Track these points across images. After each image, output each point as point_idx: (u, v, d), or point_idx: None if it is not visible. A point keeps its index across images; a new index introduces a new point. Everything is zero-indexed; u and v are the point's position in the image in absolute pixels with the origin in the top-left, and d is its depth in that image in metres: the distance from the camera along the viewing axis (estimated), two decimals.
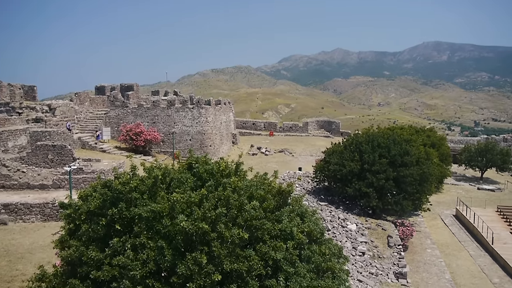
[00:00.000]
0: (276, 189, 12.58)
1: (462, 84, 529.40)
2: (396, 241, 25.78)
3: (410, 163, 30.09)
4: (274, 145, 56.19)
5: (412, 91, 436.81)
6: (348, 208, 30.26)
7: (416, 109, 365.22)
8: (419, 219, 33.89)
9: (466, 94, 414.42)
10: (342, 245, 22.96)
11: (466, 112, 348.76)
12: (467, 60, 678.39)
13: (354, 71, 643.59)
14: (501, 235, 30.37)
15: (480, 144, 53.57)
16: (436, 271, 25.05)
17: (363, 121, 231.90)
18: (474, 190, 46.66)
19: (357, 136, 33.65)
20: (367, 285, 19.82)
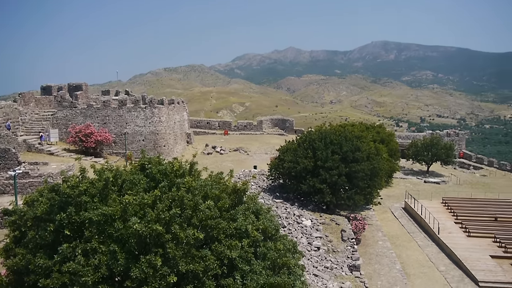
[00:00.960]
0: (231, 188, 12.59)
1: (408, 82, 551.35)
2: (350, 235, 26.50)
3: (361, 159, 30.99)
4: (229, 144, 56.13)
5: (362, 89, 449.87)
6: (303, 205, 30.76)
7: (366, 106, 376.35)
8: (370, 212, 35.02)
9: (412, 91, 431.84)
10: (298, 241, 23.32)
11: (412, 109, 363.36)
12: (412, 59, 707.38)
13: (307, 69, 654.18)
14: (446, 225, 31.96)
15: (426, 139, 56.05)
16: (387, 262, 26.00)
17: (316, 119, 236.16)
18: (421, 183, 48.79)
19: (310, 134, 34.25)
20: (323, 279, 20.25)
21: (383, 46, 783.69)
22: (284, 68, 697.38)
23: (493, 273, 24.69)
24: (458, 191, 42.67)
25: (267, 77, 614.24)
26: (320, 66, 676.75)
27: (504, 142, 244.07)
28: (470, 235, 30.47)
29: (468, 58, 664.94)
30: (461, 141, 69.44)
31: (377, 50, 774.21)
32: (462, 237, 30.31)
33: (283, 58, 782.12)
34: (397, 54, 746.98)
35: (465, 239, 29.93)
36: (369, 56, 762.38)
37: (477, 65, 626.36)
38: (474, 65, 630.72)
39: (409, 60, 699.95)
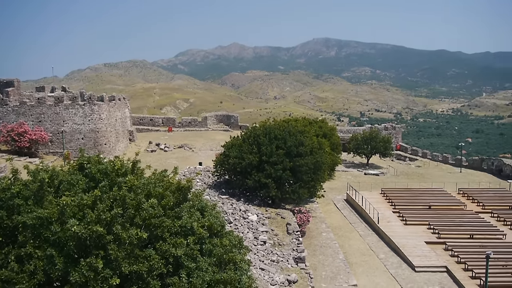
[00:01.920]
0: (175, 186, 12.40)
1: (348, 78, 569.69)
2: (295, 228, 27.03)
3: (305, 153, 31.65)
4: (173, 141, 55.27)
5: (305, 85, 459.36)
6: (249, 200, 30.95)
7: (309, 101, 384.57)
8: (314, 205, 35.92)
9: (353, 87, 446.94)
10: (244, 236, 23.45)
11: (353, 104, 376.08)
12: (352, 55, 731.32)
13: (251, 65, 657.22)
14: (385, 214, 33.47)
15: (365, 133, 58.29)
16: (331, 253, 26.82)
17: (261, 114, 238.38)
18: (362, 175, 50.72)
19: (255, 129, 34.47)
20: (269, 272, 20.53)
21: (325, 43, 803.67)
22: (228, 64, 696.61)
23: (427, 258, 26.21)
24: (396, 182, 44.78)
25: (211, 73, 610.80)
26: (264, 62, 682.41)
27: (436, 134, 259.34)
28: (407, 223, 32.11)
29: (403, 55, 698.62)
30: (398, 134, 72.92)
31: (319, 47, 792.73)
32: (399, 225, 31.88)
33: (227, 54, 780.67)
34: (337, 50, 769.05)
35: (402, 227, 31.50)
36: (311, 53, 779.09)
37: (412, 62, 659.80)
38: (408, 62, 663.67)
39: (349, 57, 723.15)
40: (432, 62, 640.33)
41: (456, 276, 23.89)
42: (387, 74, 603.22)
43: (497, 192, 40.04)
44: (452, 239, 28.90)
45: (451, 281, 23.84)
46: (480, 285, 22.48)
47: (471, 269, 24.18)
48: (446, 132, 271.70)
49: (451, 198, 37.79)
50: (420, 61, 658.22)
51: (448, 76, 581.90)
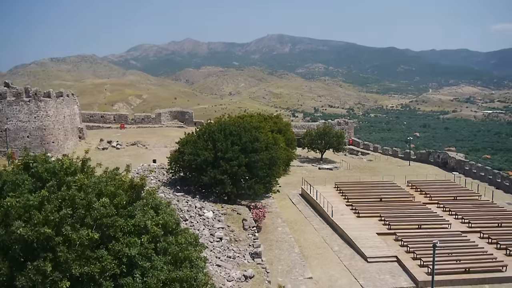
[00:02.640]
0: (128, 184, 12.10)
1: (302, 74, 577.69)
2: (251, 223, 27.15)
3: (260, 149, 31.81)
4: (126, 138, 53.86)
5: (260, 81, 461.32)
6: (204, 196, 30.75)
7: (264, 97, 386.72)
8: (270, 200, 36.22)
9: (307, 83, 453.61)
10: (200, 233, 23.30)
11: (307, 100, 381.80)
12: (305, 52, 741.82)
13: (205, 61, 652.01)
14: (338, 208, 34.30)
15: (319, 128, 59.36)
16: (287, 247, 27.17)
17: (216, 111, 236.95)
18: (316, 170, 51.67)
19: (210, 125, 34.25)
20: (226, 268, 20.51)
21: (279, 39, 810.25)
22: (182, 60, 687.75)
23: (379, 248, 27.15)
24: (349, 176, 45.98)
25: (164, 69, 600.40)
26: (218, 58, 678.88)
27: (387, 129, 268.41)
28: (359, 215, 33.09)
29: (355, 52, 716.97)
30: (350, 129, 74.80)
31: (273, 43, 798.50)
32: (352, 218, 32.79)
33: (181, 49, 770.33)
34: (291, 47, 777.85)
35: (355, 220, 32.43)
36: (266, 49, 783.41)
37: (363, 59, 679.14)
38: (360, 58, 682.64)
39: (302, 53, 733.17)
40: (382, 59, 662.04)
41: (406, 265, 24.91)
42: (339, 71, 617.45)
43: (443, 184, 42.05)
44: (402, 229, 30.08)
45: (401, 270, 24.83)
46: (428, 272, 23.53)
47: (419, 258, 25.27)
48: (396, 127, 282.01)
49: (401, 190, 39.29)
50: (371, 58, 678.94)
51: (397, 72, 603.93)
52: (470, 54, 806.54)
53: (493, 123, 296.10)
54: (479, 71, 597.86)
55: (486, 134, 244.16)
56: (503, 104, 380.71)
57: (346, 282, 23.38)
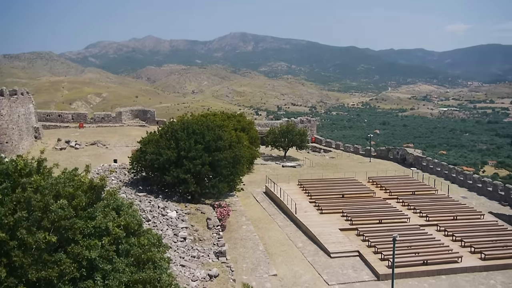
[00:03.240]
0: (88, 185, 11.75)
1: (265, 72, 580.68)
2: (215, 222, 27.02)
3: (224, 147, 31.70)
4: (85, 137, 52.32)
5: (223, 79, 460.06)
6: (167, 196, 30.33)
7: (227, 96, 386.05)
8: (234, 199, 36.19)
9: (270, 81, 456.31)
10: (164, 233, 22.97)
11: (270, 98, 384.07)
12: (268, 50, 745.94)
13: (167, 59, 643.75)
14: (302, 205, 34.70)
15: (282, 126, 59.80)
16: (251, 245, 27.24)
17: (178, 109, 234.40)
18: (280, 167, 52.06)
19: (172, 124, 33.80)
20: (190, 268, 20.33)
21: (241, 37, 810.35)
22: (144, 57, 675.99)
23: (342, 244, 27.68)
24: (312, 173, 46.58)
25: (125, 67, 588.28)
26: (180, 56, 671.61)
27: (348, 127, 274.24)
28: (322, 212, 33.60)
29: (317, 51, 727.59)
30: (313, 127, 75.86)
31: (236, 41, 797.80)
32: (315, 214, 33.25)
33: (142, 46, 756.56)
34: (254, 45, 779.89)
35: (318, 216, 32.90)
36: (229, 47, 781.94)
37: (325, 58, 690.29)
38: (322, 57, 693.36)
39: (265, 52, 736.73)
40: (343, 58, 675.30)
41: (367, 259, 25.52)
42: (302, 69, 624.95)
43: (402, 179, 43.35)
44: (363, 224, 30.78)
45: (363, 264, 25.42)
46: (388, 265, 24.20)
47: (380, 252, 25.95)
48: (357, 124, 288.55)
49: (362, 186, 40.20)
50: (333, 57, 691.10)
51: (357, 71, 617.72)
52: (426, 54, 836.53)
53: (448, 120, 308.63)
54: (434, 70, 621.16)
55: (442, 131, 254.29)
56: (457, 102, 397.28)
57: (310, 278, 23.69)
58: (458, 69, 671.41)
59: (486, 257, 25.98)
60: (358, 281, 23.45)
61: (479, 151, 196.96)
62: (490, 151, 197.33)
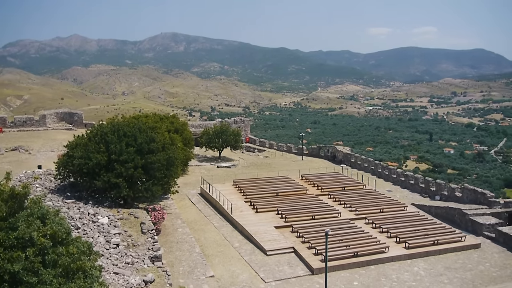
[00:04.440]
0: (8, 193, 10.99)
1: (198, 73, 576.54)
2: (149, 226, 26.38)
3: (157, 150, 31.02)
4: (4, 143, 48.79)
5: (155, 80, 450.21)
6: (98, 202, 29.12)
7: (159, 97, 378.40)
8: (169, 202, 35.59)
9: (203, 82, 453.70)
10: (95, 241, 22.04)
11: (203, 99, 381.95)
12: (201, 51, 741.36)
13: (95, 59, 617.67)
14: (238, 205, 34.91)
15: (216, 127, 59.68)
16: (187, 248, 26.95)
17: (108, 111, 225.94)
18: (215, 168, 51.95)
19: (102, 127, 32.46)
20: (124, 275, 19.68)
21: (173, 37, 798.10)
22: (69, 57, 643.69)
23: (277, 241, 28.22)
24: (246, 173, 46.98)
25: (49, 67, 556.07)
26: (109, 56, 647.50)
27: (281, 126, 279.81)
28: (258, 211, 34.02)
29: (249, 52, 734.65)
30: (247, 127, 76.52)
31: (167, 41, 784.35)
32: (251, 213, 33.60)
33: (67, 46, 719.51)
34: (186, 46, 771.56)
35: (254, 215, 33.27)
36: (160, 47, 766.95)
37: (257, 59, 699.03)
38: (254, 58, 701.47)
39: (197, 52, 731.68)
40: (275, 59, 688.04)
41: (302, 255, 26.25)
42: (234, 70, 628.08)
43: (332, 176, 45.04)
44: (297, 221, 31.60)
45: (298, 260, 26.11)
46: (322, 259, 25.06)
47: (314, 247, 26.80)
48: (289, 123, 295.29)
49: (295, 184, 41.24)
50: (264, 58, 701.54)
51: (288, 72, 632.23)
52: (352, 55, 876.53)
53: (374, 118, 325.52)
54: (360, 71, 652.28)
55: (368, 129, 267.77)
56: (381, 101, 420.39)
57: (247, 277, 23.91)
58: (381, 70, 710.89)
59: (409, 246, 27.76)
60: (294, 277, 24.04)
61: (402, 147, 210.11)
62: (411, 147, 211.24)
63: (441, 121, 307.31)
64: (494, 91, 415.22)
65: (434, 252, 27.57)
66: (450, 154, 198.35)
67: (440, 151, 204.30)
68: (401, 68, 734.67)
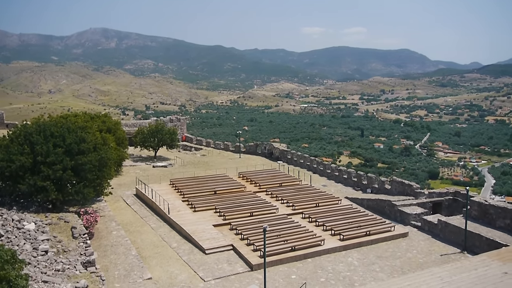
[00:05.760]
0: None
1: (131, 70, 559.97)
2: (81, 230, 25.16)
3: (88, 150, 29.65)
4: None
5: (85, 78, 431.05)
6: (24, 207, 27.29)
7: (90, 95, 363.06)
8: (102, 204, 34.20)
9: (136, 80, 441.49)
10: (20, 249, 20.63)
11: (137, 97, 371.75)
12: (133, 47, 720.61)
13: (17, 55, 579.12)
14: (175, 204, 34.32)
15: (151, 126, 58.25)
16: (123, 251, 26.03)
17: (33, 110, 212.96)
18: (150, 168, 50.73)
19: (26, 127, 30.41)
20: (54, 283, 18.60)
21: (103, 33, 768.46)
22: None
23: (216, 239, 28.08)
24: (183, 172, 46.35)
25: None
26: (33, 52, 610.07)
27: (218, 124, 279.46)
28: (196, 210, 33.65)
29: (184, 49, 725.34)
30: (183, 126, 75.52)
31: (97, 37, 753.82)
32: (189, 213, 33.17)
33: None
34: (118, 42, 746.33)
35: (191, 214, 32.87)
36: (89, 43, 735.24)
37: (192, 56, 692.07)
38: (189, 55, 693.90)
39: (130, 49, 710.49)
40: (210, 56, 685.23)
41: (241, 252, 26.33)
42: (169, 67, 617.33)
43: (270, 173, 45.67)
44: (235, 219, 31.66)
45: (237, 257, 26.15)
46: (260, 255, 25.29)
47: (252, 243, 26.98)
48: (226, 121, 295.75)
49: (233, 181, 41.31)
50: (200, 56, 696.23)
51: (224, 70, 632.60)
52: (287, 54, 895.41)
53: (309, 116, 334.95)
54: (295, 69, 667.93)
55: (304, 126, 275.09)
56: (316, 99, 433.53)
57: (186, 277, 23.56)
58: (315, 68, 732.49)
59: (344, 238, 28.82)
60: (233, 274, 24.05)
61: (336, 143, 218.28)
62: (345, 143, 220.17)
63: (371, 118, 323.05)
64: (418, 89, 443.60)
65: (366, 243, 28.82)
66: (380, 149, 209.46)
67: (371, 146, 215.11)
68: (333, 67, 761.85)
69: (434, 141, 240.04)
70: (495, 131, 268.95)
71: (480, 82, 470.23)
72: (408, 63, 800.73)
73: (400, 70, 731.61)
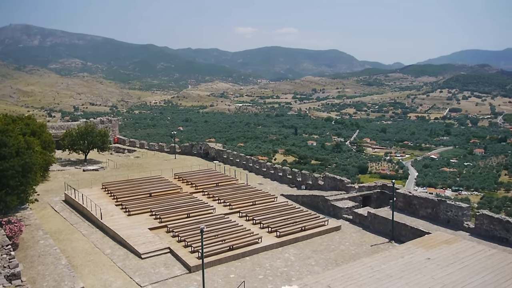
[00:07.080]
0: None
1: (57, 69, 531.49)
2: (4, 241, 23.45)
3: (10, 155, 27.77)
4: None
5: (5, 77, 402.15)
6: None
7: (11, 96, 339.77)
8: (27, 212, 32.12)
9: (63, 80, 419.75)
10: None
11: (64, 98, 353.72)
12: (59, 46, 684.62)
13: None
14: (108, 209, 33.07)
15: (80, 128, 55.56)
16: (52, 260, 24.65)
17: None
18: (80, 172, 48.45)
19: None
20: None
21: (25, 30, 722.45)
22: None
23: (152, 243, 27.44)
24: (116, 175, 44.78)
25: None
26: None
27: (152, 125, 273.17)
28: (130, 214, 32.65)
29: (114, 48, 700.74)
30: (115, 127, 72.89)
31: (18, 34, 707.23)
32: (123, 217, 32.10)
33: None
34: (41, 39, 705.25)
35: (126, 218, 31.85)
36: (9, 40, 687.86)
37: (123, 55, 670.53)
38: (120, 54, 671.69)
39: (55, 47, 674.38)
40: (142, 55, 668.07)
41: (178, 254, 25.95)
42: (99, 67, 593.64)
43: (206, 173, 45.40)
44: (172, 221, 31.14)
45: (175, 260, 25.74)
46: (198, 257, 25.08)
47: (190, 245, 26.70)
48: (161, 122, 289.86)
49: (169, 183, 40.58)
50: (131, 55, 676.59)
51: (157, 69, 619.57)
52: (221, 54, 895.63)
53: (244, 115, 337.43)
54: (229, 69, 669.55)
55: (239, 125, 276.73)
56: (250, 98, 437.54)
57: (122, 283, 22.80)
58: (249, 68, 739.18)
59: (280, 234, 29.38)
60: (171, 277, 23.64)
61: (271, 141, 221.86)
62: (279, 141, 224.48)
63: (304, 116, 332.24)
64: (347, 88, 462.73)
65: (302, 238, 29.60)
66: (313, 146, 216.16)
67: (305, 143, 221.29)
68: (267, 67, 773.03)
69: (362, 138, 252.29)
70: (416, 127, 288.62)
71: (402, 81, 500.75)
72: (337, 63, 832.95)
73: (330, 70, 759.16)
